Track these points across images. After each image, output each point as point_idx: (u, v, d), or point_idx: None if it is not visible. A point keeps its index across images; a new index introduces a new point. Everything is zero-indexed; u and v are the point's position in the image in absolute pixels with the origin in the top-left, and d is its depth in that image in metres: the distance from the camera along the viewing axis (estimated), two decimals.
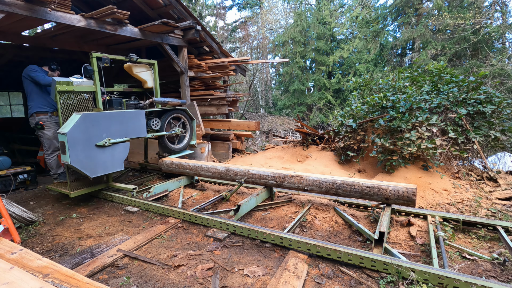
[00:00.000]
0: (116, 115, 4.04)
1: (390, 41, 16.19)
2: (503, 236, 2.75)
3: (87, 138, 3.69)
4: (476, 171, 4.58)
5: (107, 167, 3.97)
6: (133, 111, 4.30)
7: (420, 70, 6.08)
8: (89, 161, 3.74)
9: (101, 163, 3.87)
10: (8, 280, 1.94)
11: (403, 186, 3.04)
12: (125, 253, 2.81)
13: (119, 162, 4.12)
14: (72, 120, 3.62)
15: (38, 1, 3.98)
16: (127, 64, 4.79)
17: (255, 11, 25.08)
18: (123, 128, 4.12)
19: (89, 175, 3.74)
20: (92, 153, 3.76)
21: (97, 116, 3.79)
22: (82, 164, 3.66)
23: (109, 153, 3.96)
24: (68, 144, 3.50)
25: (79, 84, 4.05)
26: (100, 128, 3.83)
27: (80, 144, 3.61)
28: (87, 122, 3.69)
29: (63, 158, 3.58)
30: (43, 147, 4.69)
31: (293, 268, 2.39)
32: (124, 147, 4.17)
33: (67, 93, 3.91)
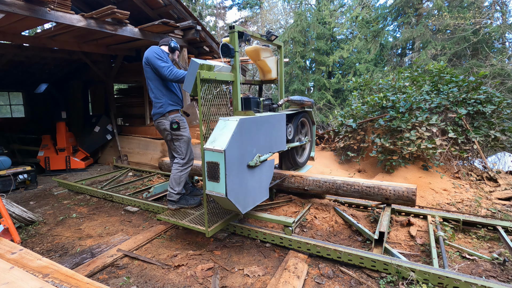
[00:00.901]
0: (267, 121, 2.94)
1: (390, 41, 16.18)
2: (503, 236, 2.75)
3: (241, 155, 2.58)
4: (476, 171, 4.58)
5: (256, 197, 2.87)
6: (277, 115, 3.18)
7: (420, 70, 6.09)
8: (242, 191, 2.62)
9: (251, 191, 2.76)
10: (8, 280, 1.94)
11: (403, 186, 3.04)
12: (125, 253, 2.81)
13: (266, 187, 3.03)
14: (225, 129, 2.50)
15: (38, 1, 3.98)
16: (253, 47, 3.65)
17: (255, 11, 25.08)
18: (269, 139, 2.99)
19: (241, 211, 2.63)
20: (243, 178, 2.63)
21: (251, 122, 2.70)
22: (237, 196, 2.53)
23: (258, 176, 2.84)
24: (226, 167, 2.38)
25: (219, 70, 2.88)
26: (252, 140, 2.72)
27: (235, 166, 2.50)
28: (244, 131, 2.57)
29: (211, 187, 2.48)
30: (177, 154, 3.36)
31: (293, 268, 2.39)
32: (270, 167, 3.05)
33: (208, 82, 2.68)
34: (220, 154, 2.36)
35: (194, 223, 2.86)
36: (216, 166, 2.40)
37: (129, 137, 7.49)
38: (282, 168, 4.09)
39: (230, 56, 2.85)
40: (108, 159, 7.60)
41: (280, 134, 3.23)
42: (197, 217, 3.05)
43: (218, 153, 2.37)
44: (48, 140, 6.88)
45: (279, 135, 3.21)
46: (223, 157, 2.34)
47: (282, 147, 3.30)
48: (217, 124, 2.61)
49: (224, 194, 2.40)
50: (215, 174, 2.42)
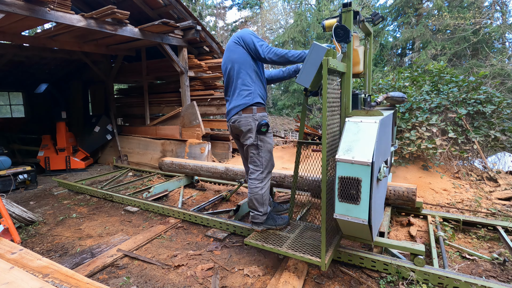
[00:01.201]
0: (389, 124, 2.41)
1: (390, 41, 16.18)
2: (503, 236, 2.75)
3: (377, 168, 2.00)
4: (476, 171, 4.58)
5: (378, 219, 2.27)
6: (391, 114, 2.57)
7: (420, 70, 6.08)
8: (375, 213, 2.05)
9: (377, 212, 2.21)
10: (8, 280, 1.94)
11: (403, 186, 3.04)
12: (125, 253, 2.81)
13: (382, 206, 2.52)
14: (363, 134, 1.96)
15: (38, 1, 3.98)
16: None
17: (255, 11, 25.08)
18: (385, 146, 2.32)
19: (373, 239, 2.18)
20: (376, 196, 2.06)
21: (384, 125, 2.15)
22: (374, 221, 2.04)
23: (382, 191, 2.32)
24: (371, 185, 1.87)
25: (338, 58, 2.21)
26: (381, 148, 2.09)
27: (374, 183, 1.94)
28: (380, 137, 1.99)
29: (344, 210, 1.97)
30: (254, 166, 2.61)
31: (293, 268, 2.39)
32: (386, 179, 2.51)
33: (332, 74, 2.12)
34: (364, 168, 1.83)
35: (296, 250, 2.31)
36: (356, 183, 1.87)
37: (129, 137, 7.50)
38: None
39: (347, 41, 2.18)
40: (108, 159, 7.60)
41: (390, 138, 2.61)
42: (294, 241, 2.47)
43: (362, 166, 1.83)
44: (48, 140, 6.88)
45: (389, 139, 2.58)
46: (369, 171, 1.82)
47: (388, 154, 2.58)
48: (346, 127, 2.06)
49: (367, 220, 1.86)
50: (354, 194, 1.89)
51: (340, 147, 1.98)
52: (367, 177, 1.83)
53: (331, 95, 2.09)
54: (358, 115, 2.21)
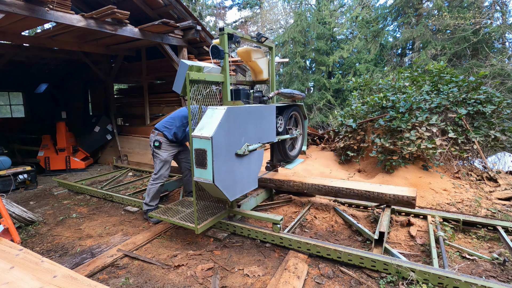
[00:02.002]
0: (254, 112, 2.97)
1: (390, 41, 16.18)
2: (503, 236, 2.75)
3: (229, 143, 2.62)
4: (476, 171, 4.58)
5: (244, 185, 2.91)
6: (267, 107, 3.22)
7: (420, 70, 6.08)
8: (229, 178, 2.67)
9: (239, 179, 2.81)
10: (8, 280, 1.94)
11: (403, 192, 3.01)
12: (125, 253, 2.81)
13: (255, 177, 3.08)
14: (213, 118, 2.53)
15: (38, 1, 3.98)
16: (245, 48, 3.66)
17: (255, 11, 25.07)
18: (258, 130, 3.03)
19: (229, 199, 2.70)
20: (231, 166, 2.68)
21: (239, 112, 2.72)
22: (224, 183, 2.59)
23: (246, 165, 2.90)
24: (213, 154, 2.42)
25: (209, 71, 2.98)
26: (240, 130, 2.76)
27: (222, 153, 2.54)
28: (231, 120, 2.60)
29: (199, 174, 2.54)
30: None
31: (293, 268, 2.39)
32: (260, 157, 3.10)
33: (198, 83, 2.77)
34: (207, 141, 2.42)
35: (184, 220, 2.96)
36: (203, 153, 2.46)
37: (129, 137, 7.49)
38: (273, 161, 4.13)
39: (219, 58, 2.93)
40: (108, 159, 7.60)
41: (270, 126, 3.27)
42: (187, 215, 3.12)
43: (206, 140, 2.42)
44: (48, 140, 6.88)
45: (269, 126, 3.26)
46: (210, 144, 2.40)
47: (272, 139, 3.35)
48: (206, 113, 2.63)
49: (211, 180, 2.45)
50: (203, 161, 2.47)
51: (197, 127, 2.57)
52: (210, 148, 2.42)
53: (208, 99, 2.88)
54: (227, 104, 2.93)
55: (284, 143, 3.92)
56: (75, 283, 1.97)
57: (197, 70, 2.81)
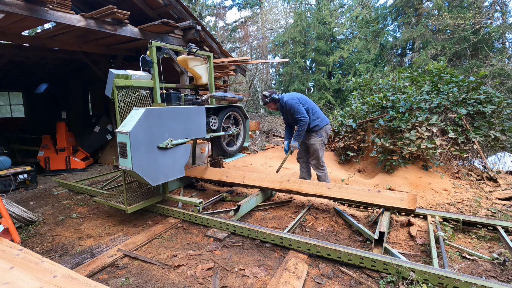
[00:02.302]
0: (179, 112, 3.49)
1: (390, 41, 16.18)
2: (503, 236, 2.75)
3: (150, 138, 3.14)
4: (476, 171, 4.58)
5: (168, 173, 3.43)
6: (195, 108, 3.73)
7: (420, 70, 6.08)
8: (151, 167, 3.19)
9: (163, 168, 3.34)
10: (8, 280, 1.94)
11: (403, 203, 2.98)
12: (125, 253, 2.81)
13: (180, 167, 3.59)
14: (134, 117, 3.06)
15: (38, 1, 3.98)
16: (182, 57, 4.24)
17: (255, 11, 25.07)
18: (185, 127, 3.59)
19: (151, 183, 3.21)
20: (153, 157, 3.21)
21: (160, 112, 3.24)
22: (145, 171, 3.10)
23: (171, 156, 3.42)
24: (131, 146, 2.93)
25: (137, 78, 3.52)
26: (163, 127, 3.29)
27: (143, 146, 3.06)
28: (151, 119, 3.14)
29: (122, 162, 3.04)
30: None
31: (293, 268, 2.39)
32: (185, 150, 3.65)
33: (125, 88, 3.35)
34: (126, 136, 2.93)
35: (118, 203, 3.59)
36: (124, 145, 2.96)
37: None
38: (213, 155, 4.79)
39: (148, 67, 3.52)
40: (108, 159, 7.60)
41: (199, 124, 3.79)
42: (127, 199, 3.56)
43: (125, 135, 2.94)
44: (48, 140, 6.88)
45: (198, 124, 3.79)
46: (128, 138, 2.92)
47: (202, 135, 3.88)
48: (130, 113, 3.17)
49: (131, 167, 2.98)
50: (124, 152, 2.99)
51: (121, 124, 3.09)
52: (128, 142, 2.93)
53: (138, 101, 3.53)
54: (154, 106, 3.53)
55: (220, 139, 4.49)
56: (75, 283, 1.97)
57: (125, 78, 3.35)
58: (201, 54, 4.33)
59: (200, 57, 4.39)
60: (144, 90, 3.57)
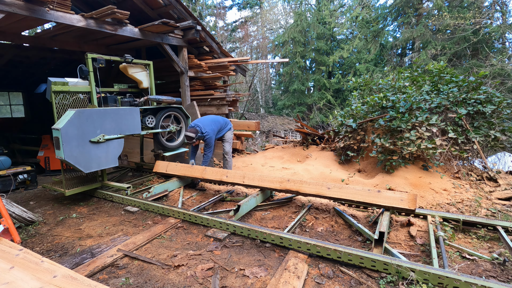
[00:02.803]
0: (111, 112, 4.13)
1: (390, 41, 16.18)
2: (503, 236, 2.75)
3: (81, 134, 3.77)
4: (476, 171, 4.58)
5: (101, 163, 4.07)
6: (127, 108, 4.39)
7: (420, 70, 6.08)
8: (83, 157, 3.82)
9: (95, 159, 3.96)
10: (8, 280, 1.94)
11: (403, 202, 2.99)
12: (125, 253, 2.81)
13: (113, 158, 4.22)
14: (66, 116, 3.70)
15: (38, 1, 3.98)
16: (123, 64, 4.89)
17: (255, 11, 25.07)
18: (117, 125, 4.21)
19: (83, 171, 3.86)
20: (86, 149, 3.84)
21: (91, 112, 3.88)
22: (76, 160, 3.74)
23: (104, 149, 4.05)
24: (62, 140, 3.58)
25: (74, 85, 4.17)
26: (95, 124, 3.91)
27: (74, 140, 3.70)
28: (82, 118, 3.78)
29: (57, 153, 3.67)
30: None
31: (293, 268, 2.39)
32: (119, 144, 4.26)
33: (63, 93, 4.05)
34: (58, 132, 3.57)
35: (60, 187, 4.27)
36: (57, 139, 3.61)
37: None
38: (154, 149, 5.35)
39: (84, 75, 4.26)
40: None
41: (132, 122, 4.42)
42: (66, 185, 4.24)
43: (57, 131, 3.58)
44: (48, 140, 6.87)
45: (132, 123, 4.42)
46: (60, 133, 3.56)
47: (137, 131, 4.51)
48: (65, 113, 3.81)
49: (63, 157, 3.62)
50: (58, 144, 3.62)
51: (56, 122, 3.77)
52: (60, 136, 3.57)
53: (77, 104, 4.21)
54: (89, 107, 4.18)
55: (158, 135, 5.11)
56: (75, 283, 1.97)
57: (62, 84, 4.04)
58: (139, 63, 4.99)
59: (141, 65, 5.07)
60: (82, 94, 4.22)
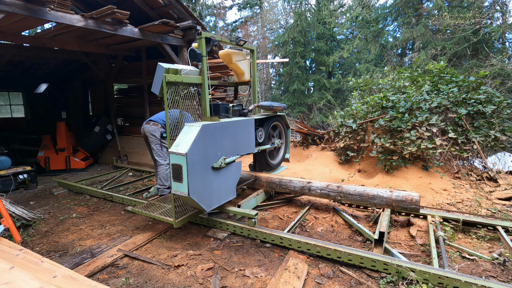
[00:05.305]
0: (231, 126, 3.15)
1: (390, 41, 16.18)
2: (503, 236, 2.75)
3: (205, 158, 2.80)
4: (476, 171, 4.58)
5: (221, 196, 3.10)
6: (245, 120, 3.39)
7: (420, 70, 6.08)
8: (206, 191, 2.84)
9: (216, 191, 3.00)
10: (8, 280, 1.94)
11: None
12: (125, 253, 2.81)
13: (233, 188, 3.26)
14: (188, 134, 2.71)
15: (38, 1, 3.98)
16: (225, 51, 3.82)
17: (255, 11, 25.07)
18: (235, 143, 3.22)
19: (206, 209, 2.88)
20: (208, 179, 2.86)
21: (214, 128, 2.91)
22: (200, 196, 2.77)
23: (223, 176, 3.08)
24: (188, 169, 2.59)
25: (187, 74, 3.07)
26: (217, 144, 2.93)
27: (198, 167, 2.72)
28: (206, 136, 2.78)
29: (176, 187, 2.71)
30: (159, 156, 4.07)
31: (293, 268, 2.39)
32: (237, 168, 3.29)
33: (175, 85, 2.89)
34: (182, 157, 2.59)
35: (164, 215, 3.14)
36: (179, 168, 2.62)
37: (129, 137, 7.49)
38: (256, 169, 4.31)
39: (197, 60, 3.05)
40: (108, 159, 7.60)
41: (248, 138, 3.44)
42: (168, 210, 3.28)
43: (181, 156, 2.59)
44: (48, 140, 6.88)
45: (247, 138, 3.44)
46: (185, 160, 2.57)
47: (251, 150, 3.50)
48: (183, 129, 2.82)
49: (187, 193, 2.64)
50: (179, 175, 2.65)
51: (173, 144, 2.72)
52: (185, 164, 2.58)
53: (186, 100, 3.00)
54: (205, 120, 3.05)
55: (265, 152, 4.12)
56: (75, 283, 1.97)
57: (174, 73, 2.93)
58: (247, 48, 3.86)
59: (243, 51, 3.91)
60: (193, 88, 3.10)
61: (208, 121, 3.00)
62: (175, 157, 2.63)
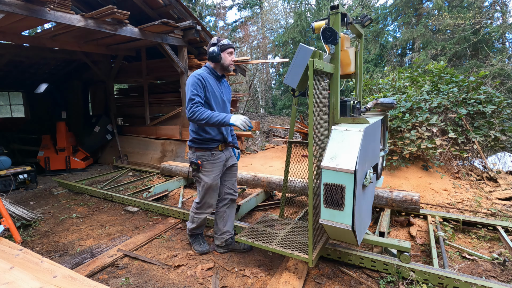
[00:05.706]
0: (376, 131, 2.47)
1: (390, 41, 16.19)
2: (503, 236, 2.75)
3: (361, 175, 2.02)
4: (476, 171, 4.58)
5: (366, 223, 2.37)
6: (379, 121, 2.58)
7: (420, 70, 6.08)
8: (358, 217, 2.04)
9: (363, 216, 2.23)
10: (8, 280, 1.94)
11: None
12: (125, 253, 2.81)
13: (370, 210, 2.58)
14: (348, 143, 1.97)
15: (38, 1, 3.98)
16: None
17: (255, 11, 25.07)
18: (372, 152, 2.37)
19: (358, 243, 2.15)
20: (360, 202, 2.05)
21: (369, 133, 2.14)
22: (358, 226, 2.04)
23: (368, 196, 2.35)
24: (355, 191, 1.89)
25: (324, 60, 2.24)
26: (367, 155, 2.14)
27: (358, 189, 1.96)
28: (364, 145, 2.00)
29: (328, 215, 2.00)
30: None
31: (293, 268, 2.39)
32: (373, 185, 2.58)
33: (319, 75, 2.14)
34: (348, 176, 1.85)
35: (285, 247, 2.36)
36: (340, 190, 1.90)
37: (129, 137, 7.49)
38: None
39: (334, 43, 2.27)
40: (108, 159, 7.60)
41: (377, 145, 2.63)
42: (284, 238, 2.53)
43: (345, 173, 1.86)
44: (48, 140, 6.88)
45: (377, 145, 2.60)
46: (352, 179, 1.84)
47: (376, 160, 2.58)
48: (332, 135, 2.06)
49: (350, 226, 1.89)
50: (338, 200, 1.92)
51: (326, 155, 1.99)
52: (350, 184, 1.86)
53: (318, 95, 2.12)
54: (345, 122, 2.27)
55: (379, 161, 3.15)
56: (75, 283, 1.97)
57: (319, 57, 2.14)
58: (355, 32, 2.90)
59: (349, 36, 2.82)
60: (326, 78, 2.34)
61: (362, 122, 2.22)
62: (335, 174, 1.90)
